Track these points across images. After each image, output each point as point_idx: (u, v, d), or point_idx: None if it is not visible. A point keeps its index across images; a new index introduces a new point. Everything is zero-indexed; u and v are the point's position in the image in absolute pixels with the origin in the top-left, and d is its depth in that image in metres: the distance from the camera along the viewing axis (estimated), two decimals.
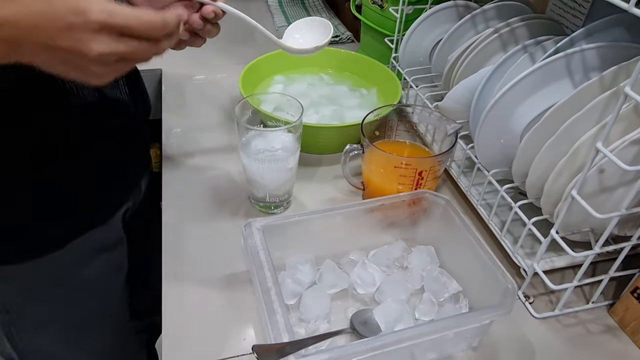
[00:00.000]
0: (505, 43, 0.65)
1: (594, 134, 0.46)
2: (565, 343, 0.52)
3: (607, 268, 0.53)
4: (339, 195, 0.69)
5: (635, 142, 0.43)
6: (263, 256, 0.47)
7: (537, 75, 0.53)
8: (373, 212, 0.55)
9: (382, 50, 0.91)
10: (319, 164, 0.75)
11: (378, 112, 0.65)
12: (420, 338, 0.42)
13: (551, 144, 0.50)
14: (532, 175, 0.53)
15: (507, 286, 0.45)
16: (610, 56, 0.50)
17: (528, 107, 0.56)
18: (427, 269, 0.55)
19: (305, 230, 0.54)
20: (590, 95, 0.47)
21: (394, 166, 0.59)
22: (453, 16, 0.76)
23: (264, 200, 0.63)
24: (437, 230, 0.57)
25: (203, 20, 0.55)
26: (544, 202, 0.53)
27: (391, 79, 0.81)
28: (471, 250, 0.50)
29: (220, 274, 0.57)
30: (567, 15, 0.70)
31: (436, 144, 0.67)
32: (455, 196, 0.70)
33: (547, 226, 0.51)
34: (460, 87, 0.65)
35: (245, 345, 0.49)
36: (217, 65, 0.99)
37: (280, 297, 0.44)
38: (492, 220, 0.62)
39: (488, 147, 0.60)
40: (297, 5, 1.29)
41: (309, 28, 0.61)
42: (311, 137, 0.70)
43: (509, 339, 0.51)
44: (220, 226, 0.63)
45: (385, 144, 0.68)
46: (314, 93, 0.83)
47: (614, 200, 0.47)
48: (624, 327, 0.53)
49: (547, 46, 0.57)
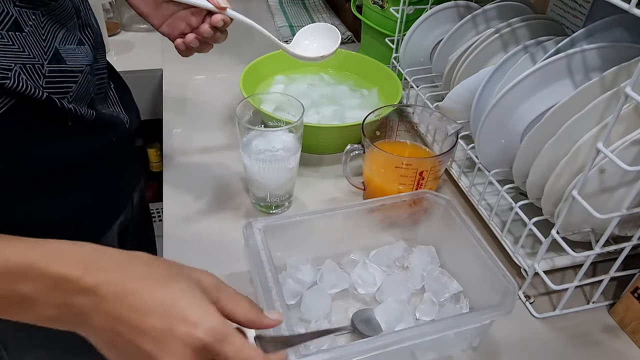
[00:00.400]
0: (506, 43, 0.65)
1: (594, 134, 0.46)
2: (565, 343, 0.52)
3: (607, 268, 0.53)
4: (340, 195, 0.69)
5: (636, 143, 0.43)
6: (264, 256, 0.47)
7: (537, 75, 0.53)
8: (374, 212, 0.55)
9: (383, 50, 0.91)
10: (320, 164, 0.75)
11: (379, 112, 0.65)
12: (420, 338, 0.42)
13: (552, 144, 0.50)
14: (532, 175, 0.53)
15: (508, 286, 0.45)
16: (610, 56, 0.50)
17: (529, 107, 0.56)
18: (427, 269, 0.55)
19: (306, 230, 0.54)
20: (591, 96, 0.47)
21: (394, 166, 0.59)
22: (454, 16, 0.76)
23: (265, 200, 0.63)
24: (437, 231, 0.57)
25: (213, 29, 0.56)
26: (545, 202, 0.53)
27: (392, 79, 0.81)
28: (472, 251, 0.50)
29: (221, 273, 0.56)
30: (568, 16, 0.70)
31: (437, 144, 0.67)
32: (455, 196, 0.70)
33: (547, 226, 0.52)
34: (460, 87, 0.65)
35: None
36: (218, 66, 0.99)
37: (281, 297, 0.44)
38: (492, 220, 0.62)
39: (489, 148, 0.61)
40: (297, 5, 1.29)
41: (318, 34, 0.62)
42: (312, 137, 0.70)
43: (510, 339, 0.51)
44: (221, 226, 0.63)
45: (386, 144, 0.68)
46: (315, 93, 0.83)
47: (614, 200, 0.47)
48: (624, 327, 0.53)
49: (548, 46, 0.57)
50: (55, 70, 0.46)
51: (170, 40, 0.60)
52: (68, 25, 0.48)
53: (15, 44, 0.42)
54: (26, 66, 0.43)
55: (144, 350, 0.32)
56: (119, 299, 0.32)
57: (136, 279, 0.33)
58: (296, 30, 1.14)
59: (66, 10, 0.47)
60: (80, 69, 0.49)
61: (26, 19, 0.43)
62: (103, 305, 0.32)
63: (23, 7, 0.42)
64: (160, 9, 0.57)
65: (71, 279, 0.32)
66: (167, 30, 0.59)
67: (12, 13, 0.41)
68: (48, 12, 0.45)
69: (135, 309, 0.32)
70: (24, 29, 0.43)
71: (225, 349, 0.33)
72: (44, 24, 0.45)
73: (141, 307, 0.32)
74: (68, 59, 0.47)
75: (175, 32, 0.59)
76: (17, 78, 0.42)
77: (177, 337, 0.32)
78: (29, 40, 0.43)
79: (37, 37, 0.44)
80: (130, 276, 0.33)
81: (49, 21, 0.45)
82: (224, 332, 0.33)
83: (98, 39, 0.54)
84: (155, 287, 0.33)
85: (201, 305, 0.33)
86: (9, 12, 0.41)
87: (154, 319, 0.32)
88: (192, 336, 0.32)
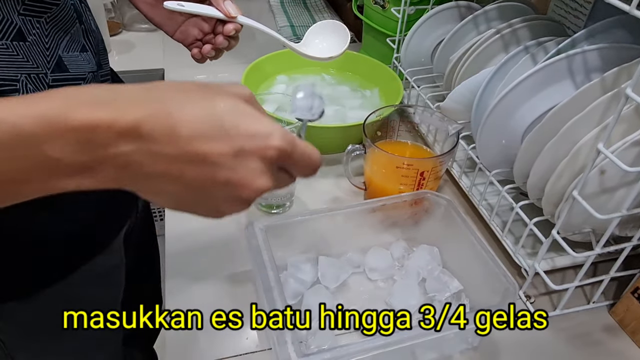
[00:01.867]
0: (507, 44, 0.65)
1: (595, 135, 0.46)
2: (565, 343, 0.52)
3: (607, 268, 0.53)
4: (341, 195, 0.69)
5: (636, 144, 0.44)
6: (265, 256, 0.47)
7: (538, 76, 0.53)
8: (375, 212, 0.56)
9: (384, 50, 0.92)
10: (321, 164, 0.75)
11: (380, 112, 0.65)
12: (421, 338, 0.42)
13: (552, 145, 0.50)
14: (533, 175, 0.54)
15: (508, 286, 0.45)
16: (611, 57, 0.50)
17: (529, 108, 0.56)
18: (428, 269, 0.55)
19: (307, 230, 0.54)
20: (592, 97, 0.47)
21: (395, 166, 0.59)
22: (455, 17, 0.76)
23: (266, 200, 0.63)
24: (438, 231, 0.57)
25: (226, 38, 0.58)
26: (545, 203, 0.53)
27: (393, 79, 0.82)
28: (472, 250, 0.50)
29: (222, 273, 0.57)
30: (569, 16, 0.70)
31: (438, 145, 0.67)
32: (456, 196, 0.70)
33: (548, 226, 0.52)
34: (461, 87, 0.65)
35: (248, 344, 0.50)
36: (219, 65, 0.98)
37: (283, 296, 0.44)
38: (493, 220, 0.62)
39: (489, 148, 0.61)
40: (299, 5, 1.29)
41: (328, 31, 0.63)
42: (313, 137, 0.70)
43: (510, 338, 0.51)
44: (223, 226, 0.63)
45: (387, 144, 0.68)
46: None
47: (615, 201, 0.47)
48: (624, 327, 0.53)
49: (549, 47, 0.57)
50: (59, 79, 0.46)
51: (185, 46, 0.62)
52: (71, 31, 0.48)
53: (20, 54, 0.42)
54: (31, 76, 0.43)
55: (219, 181, 0.29)
56: (171, 134, 0.27)
57: (178, 107, 0.28)
58: (297, 30, 1.14)
59: (68, 15, 0.47)
60: (83, 76, 0.49)
61: (30, 27, 0.43)
62: (153, 146, 0.27)
63: (27, 15, 0.42)
64: (173, 18, 0.58)
65: (102, 126, 0.25)
66: (181, 37, 0.61)
67: (16, 22, 0.41)
68: (51, 18, 0.45)
69: (193, 141, 0.28)
70: (28, 38, 0.42)
71: (296, 151, 0.32)
72: (47, 32, 0.44)
73: (200, 136, 0.28)
74: (71, 67, 0.47)
75: (188, 38, 0.61)
76: (24, 88, 0.42)
77: (252, 155, 0.29)
78: (33, 49, 0.43)
79: (41, 46, 0.44)
80: (169, 105, 0.28)
81: (52, 28, 0.45)
82: (290, 135, 0.31)
83: (100, 45, 0.54)
84: (203, 111, 0.28)
85: (259, 117, 0.30)
86: (12, 21, 0.41)
87: (219, 144, 0.28)
88: (269, 147, 0.30)
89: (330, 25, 0.63)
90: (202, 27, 0.59)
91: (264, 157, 0.30)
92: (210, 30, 0.60)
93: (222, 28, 0.57)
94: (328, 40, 0.62)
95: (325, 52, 0.61)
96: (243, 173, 0.29)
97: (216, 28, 0.59)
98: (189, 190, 0.29)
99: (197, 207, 0.31)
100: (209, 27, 0.59)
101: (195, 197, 0.30)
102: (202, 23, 0.59)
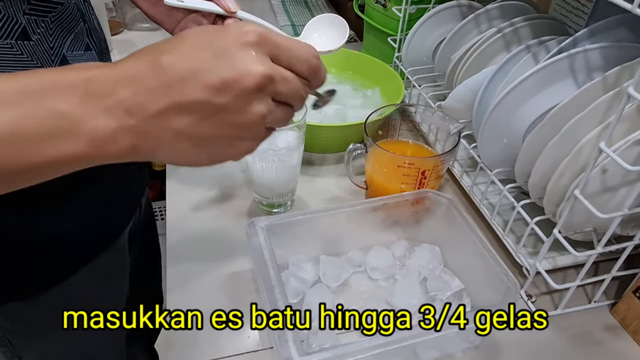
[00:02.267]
0: (508, 43, 0.65)
1: (596, 134, 0.46)
2: (567, 342, 0.52)
3: (609, 267, 0.53)
4: (342, 194, 0.69)
5: (638, 143, 0.44)
6: (267, 255, 0.47)
7: (540, 75, 0.53)
8: (376, 211, 0.56)
9: (385, 49, 0.92)
10: (322, 163, 0.75)
11: (381, 111, 0.65)
12: (422, 337, 0.42)
13: (554, 144, 0.50)
14: (534, 174, 0.54)
15: (510, 285, 0.45)
16: (613, 56, 0.50)
17: (531, 107, 0.56)
18: (429, 268, 0.55)
19: (308, 229, 0.54)
20: (593, 96, 0.47)
21: (397, 165, 0.59)
22: (456, 16, 0.76)
23: (268, 199, 0.64)
24: (439, 230, 0.57)
25: None
26: (547, 202, 0.53)
27: (394, 78, 0.82)
28: (474, 249, 0.50)
29: (224, 272, 0.57)
30: (570, 15, 0.70)
31: (439, 144, 0.67)
32: (458, 195, 0.70)
33: (549, 226, 0.52)
34: (463, 86, 0.65)
35: (249, 343, 0.50)
36: None
37: (284, 295, 0.44)
38: (494, 219, 0.62)
39: (491, 147, 0.61)
40: (300, 4, 1.29)
41: (327, 26, 0.62)
42: (314, 136, 0.70)
43: (512, 337, 0.51)
44: (224, 225, 0.63)
45: (388, 143, 0.68)
46: None
47: (616, 200, 0.47)
48: (625, 326, 0.53)
49: (550, 46, 0.57)
50: None
51: None
52: (76, 30, 0.48)
53: (25, 53, 0.42)
54: None
55: (215, 85, 0.30)
56: (155, 67, 0.30)
57: (158, 49, 0.32)
58: (299, 29, 1.14)
59: (72, 14, 0.47)
60: None
61: (34, 26, 0.43)
62: (146, 83, 0.30)
63: (32, 14, 0.42)
64: (173, 15, 0.58)
65: (98, 77, 0.29)
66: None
67: (21, 22, 0.41)
68: (56, 17, 0.45)
69: (175, 63, 0.30)
70: (32, 38, 0.42)
71: (277, 40, 0.32)
72: (52, 31, 0.44)
73: (179, 57, 0.30)
74: None
75: None
76: None
77: (232, 47, 0.30)
78: (37, 48, 0.43)
79: (45, 45, 0.44)
80: (150, 51, 0.31)
81: (57, 28, 0.45)
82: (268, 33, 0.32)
83: (103, 44, 0.54)
84: (177, 40, 0.32)
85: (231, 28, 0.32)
86: (18, 20, 0.41)
87: (199, 54, 0.30)
88: (244, 33, 0.31)
89: (328, 18, 0.62)
90: (201, 22, 0.59)
91: (245, 44, 0.30)
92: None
93: (221, 24, 0.57)
94: (327, 34, 0.61)
95: (324, 46, 0.60)
96: (234, 64, 0.30)
97: (216, 24, 0.59)
98: (197, 115, 0.30)
99: (212, 141, 0.33)
100: (209, 23, 0.59)
101: (206, 125, 0.31)
102: (202, 19, 0.58)
